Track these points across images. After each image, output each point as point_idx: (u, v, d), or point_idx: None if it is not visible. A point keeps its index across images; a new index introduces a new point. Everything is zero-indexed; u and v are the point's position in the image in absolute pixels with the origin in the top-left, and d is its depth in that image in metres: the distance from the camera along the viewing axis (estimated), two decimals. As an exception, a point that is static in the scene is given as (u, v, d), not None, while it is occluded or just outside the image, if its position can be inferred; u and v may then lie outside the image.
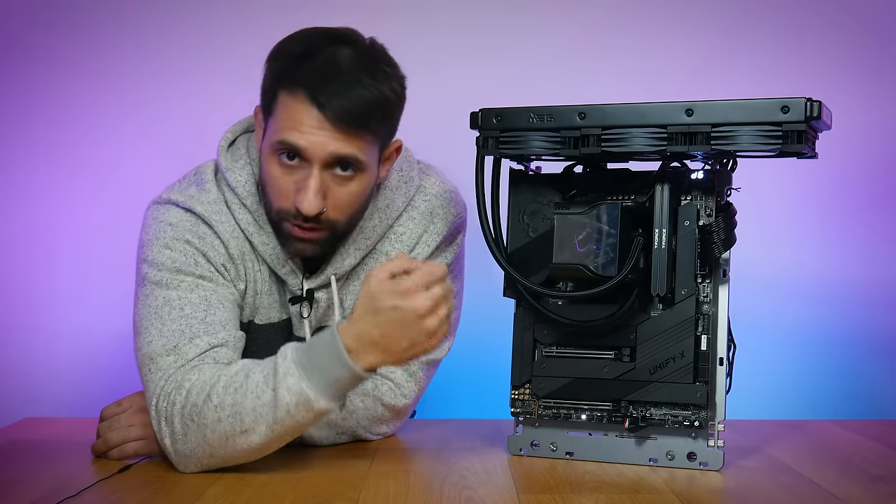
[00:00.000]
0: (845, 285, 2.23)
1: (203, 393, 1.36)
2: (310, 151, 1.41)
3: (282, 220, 1.48)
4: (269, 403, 1.33)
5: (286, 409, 1.32)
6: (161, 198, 1.55)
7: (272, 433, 1.35)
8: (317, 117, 1.40)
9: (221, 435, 1.35)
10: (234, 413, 1.34)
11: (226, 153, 1.56)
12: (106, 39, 2.19)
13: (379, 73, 1.43)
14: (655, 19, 2.24)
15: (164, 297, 1.46)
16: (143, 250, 1.51)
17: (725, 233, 1.41)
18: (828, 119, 1.36)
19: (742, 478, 1.39)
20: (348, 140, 1.41)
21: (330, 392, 1.33)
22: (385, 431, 1.61)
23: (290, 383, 1.32)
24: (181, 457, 1.39)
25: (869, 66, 2.22)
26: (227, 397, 1.35)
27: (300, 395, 1.32)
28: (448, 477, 1.39)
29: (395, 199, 1.57)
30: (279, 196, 1.46)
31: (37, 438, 1.68)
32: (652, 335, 1.44)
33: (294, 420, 1.33)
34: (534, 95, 1.55)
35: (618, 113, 1.39)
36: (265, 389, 1.33)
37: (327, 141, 1.41)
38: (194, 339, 1.43)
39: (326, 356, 1.32)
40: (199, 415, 1.36)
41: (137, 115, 2.19)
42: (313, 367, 1.32)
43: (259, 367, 1.36)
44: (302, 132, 1.41)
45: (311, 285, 1.55)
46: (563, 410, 1.49)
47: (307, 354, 1.34)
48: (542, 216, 1.50)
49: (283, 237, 1.50)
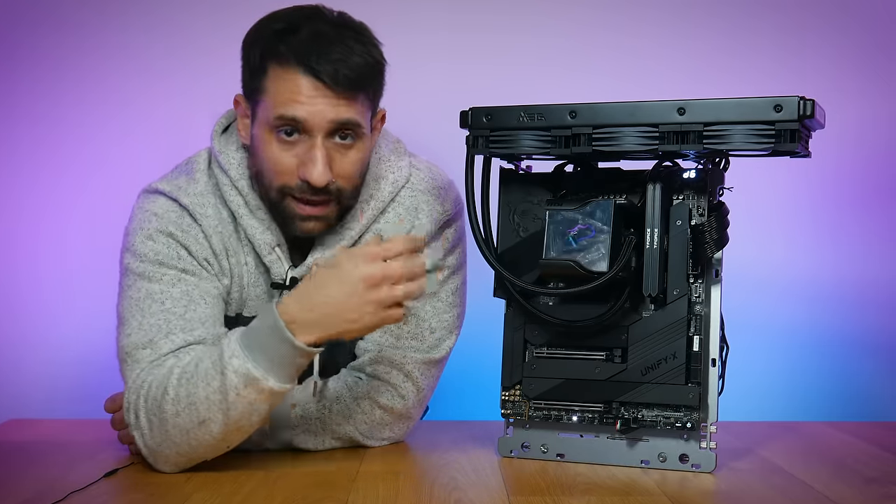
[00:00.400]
0: (838, 285, 2.23)
1: (161, 387, 1.36)
2: (310, 122, 1.41)
3: (284, 199, 1.47)
4: (220, 389, 1.32)
5: (235, 391, 1.31)
6: (150, 186, 1.56)
7: (229, 419, 1.33)
8: (313, 86, 1.40)
9: (181, 429, 1.34)
10: (190, 405, 1.33)
11: (219, 137, 1.56)
12: (90, 38, 2.18)
13: (364, 37, 1.45)
14: (653, 19, 2.23)
15: (146, 289, 1.46)
16: (128, 239, 1.52)
17: (718, 232, 1.40)
18: (821, 118, 1.35)
19: (734, 480, 1.38)
20: (347, 105, 1.42)
21: (277, 370, 1.32)
22: (389, 436, 1.58)
23: (235, 365, 1.31)
24: (151, 452, 1.39)
25: (865, 66, 2.22)
26: (181, 389, 1.34)
27: (247, 376, 1.31)
28: (438, 479, 1.39)
29: (381, 191, 1.56)
30: (281, 174, 1.45)
31: (22, 440, 1.67)
32: (644, 336, 1.43)
33: (247, 402, 1.32)
34: (529, 94, 1.54)
35: (609, 112, 1.38)
36: (214, 375, 1.32)
37: (326, 108, 1.41)
38: (170, 334, 1.42)
39: (266, 333, 1.31)
40: (160, 410, 1.35)
41: (122, 113, 2.19)
42: (256, 346, 1.32)
43: (209, 353, 1.36)
44: (301, 103, 1.40)
45: (294, 273, 1.53)
46: (554, 412, 1.48)
47: (249, 334, 1.33)
48: (533, 216, 1.49)
49: (288, 219, 1.49)
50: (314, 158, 1.42)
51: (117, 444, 1.56)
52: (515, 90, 2.10)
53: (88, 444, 1.60)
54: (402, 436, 1.60)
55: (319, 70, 1.39)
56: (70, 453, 1.54)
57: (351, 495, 1.29)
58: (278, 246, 1.53)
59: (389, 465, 1.47)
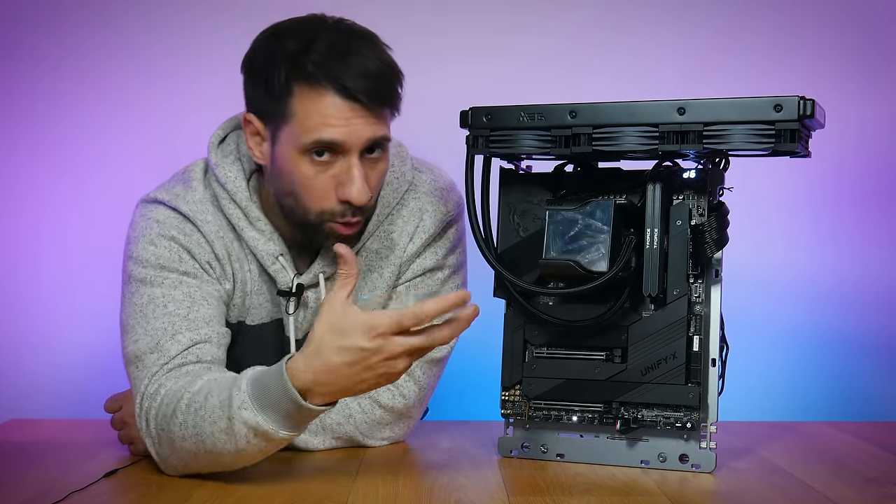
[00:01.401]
0: (838, 285, 2.23)
1: (170, 406, 1.35)
2: (348, 143, 1.39)
3: (325, 222, 1.45)
4: (227, 431, 1.29)
5: (245, 439, 1.28)
6: (149, 196, 1.55)
7: (238, 456, 1.31)
8: (348, 106, 1.38)
9: (189, 451, 1.34)
10: (196, 434, 1.31)
11: (216, 150, 1.55)
12: (90, 38, 2.19)
13: (387, 53, 1.43)
14: (651, 18, 2.23)
15: (148, 294, 1.46)
16: (129, 247, 1.51)
17: (718, 232, 1.40)
18: (821, 117, 1.35)
19: (734, 480, 1.38)
20: (378, 121, 1.41)
21: (288, 424, 1.28)
22: (389, 436, 1.58)
23: (245, 416, 1.27)
24: (161, 459, 1.39)
25: (863, 65, 2.22)
26: (188, 417, 1.32)
27: (257, 429, 1.27)
28: (438, 479, 1.38)
29: (385, 195, 1.55)
30: (320, 197, 1.43)
31: (22, 440, 1.66)
32: (643, 336, 1.43)
33: (258, 448, 1.30)
34: (529, 94, 1.54)
35: (609, 111, 1.38)
36: (221, 416, 1.29)
37: (362, 128, 1.39)
38: (176, 335, 1.42)
39: (278, 394, 1.26)
40: (168, 427, 1.34)
41: (122, 113, 2.19)
42: (267, 404, 1.27)
43: (217, 391, 1.32)
44: (336, 126, 1.38)
45: (300, 281, 1.53)
46: (553, 412, 1.48)
47: (261, 389, 1.28)
48: (533, 216, 1.49)
49: (323, 237, 1.48)
50: (353, 178, 1.40)
51: (117, 444, 1.56)
52: (515, 90, 2.10)
53: (88, 445, 1.60)
54: (403, 436, 1.60)
55: (353, 88, 1.37)
56: (70, 453, 1.54)
57: (351, 496, 1.29)
58: (282, 255, 1.52)
59: (389, 464, 1.47)
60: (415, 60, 1.50)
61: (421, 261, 1.58)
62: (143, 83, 2.18)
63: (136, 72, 2.18)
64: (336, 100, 1.38)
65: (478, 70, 2.19)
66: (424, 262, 1.58)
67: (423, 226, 1.58)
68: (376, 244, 1.56)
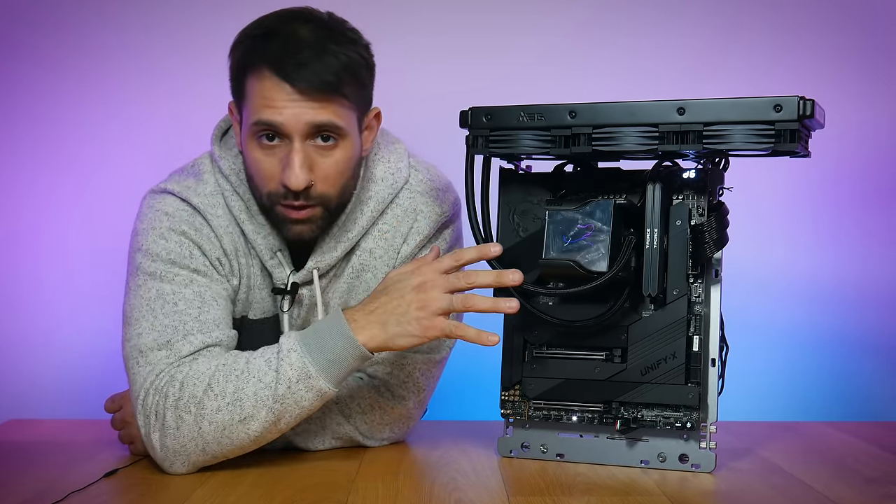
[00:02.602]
0: (838, 285, 2.23)
1: (202, 383, 1.36)
2: (287, 125, 1.41)
3: (274, 205, 1.47)
4: (271, 384, 1.35)
5: (287, 384, 1.35)
6: (158, 187, 1.55)
7: (272, 416, 1.36)
8: (288, 90, 1.40)
9: (218, 425, 1.35)
10: (235, 400, 1.35)
11: (218, 142, 1.56)
12: (90, 38, 2.19)
13: (343, 38, 1.44)
14: (651, 18, 2.23)
15: (157, 289, 1.46)
16: (138, 239, 1.50)
17: (718, 232, 1.40)
18: (821, 118, 1.35)
19: (734, 480, 1.38)
20: (323, 107, 1.41)
21: (331, 371, 1.36)
22: (389, 436, 1.58)
23: (293, 359, 1.35)
24: (169, 453, 1.38)
25: (863, 65, 2.22)
26: (227, 385, 1.35)
27: (302, 370, 1.35)
28: (437, 479, 1.38)
29: (380, 192, 1.55)
30: (266, 179, 1.45)
31: (22, 440, 1.66)
32: (643, 336, 1.42)
33: (294, 398, 1.35)
34: (529, 94, 1.54)
35: (609, 111, 1.38)
36: (267, 370, 1.36)
37: (302, 111, 1.40)
38: (188, 335, 1.42)
39: (328, 332, 1.37)
40: (199, 405, 1.35)
41: (122, 113, 2.19)
42: (314, 344, 1.37)
43: (259, 352, 1.39)
44: (276, 108, 1.40)
45: (295, 279, 1.53)
46: (553, 412, 1.48)
47: (310, 332, 1.38)
48: (533, 216, 1.49)
49: (280, 224, 1.49)
50: (291, 163, 1.41)
51: (117, 444, 1.56)
52: (515, 90, 2.10)
53: (88, 445, 1.60)
54: (403, 436, 1.60)
55: (292, 75, 1.39)
56: (70, 453, 1.54)
57: (350, 495, 1.29)
58: (280, 251, 1.53)
59: (389, 465, 1.47)
60: (415, 60, 1.50)
61: (416, 262, 1.58)
62: (144, 83, 2.18)
63: (136, 72, 2.18)
64: (276, 82, 1.40)
65: (477, 70, 2.19)
66: None
67: (418, 227, 1.58)
68: (371, 243, 1.56)
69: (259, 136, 1.43)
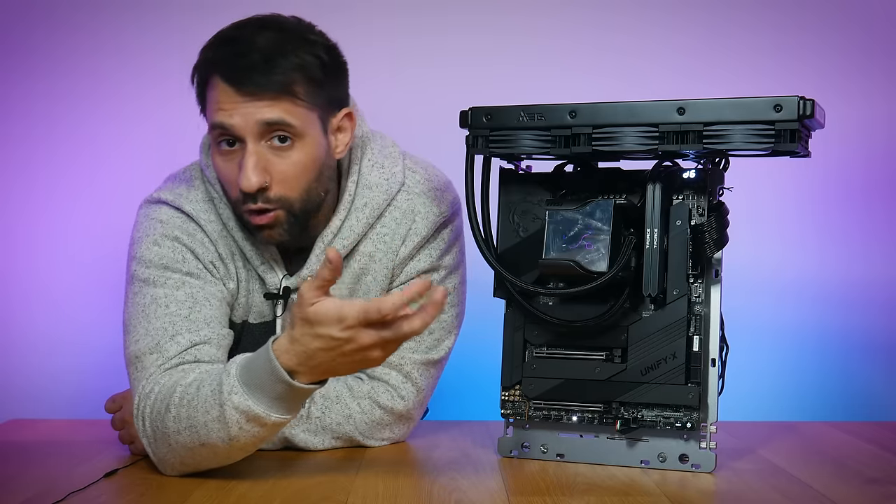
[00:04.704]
0: (839, 285, 2.22)
1: (164, 402, 1.35)
2: (238, 127, 1.40)
3: (241, 213, 1.47)
4: (219, 419, 1.29)
5: (237, 426, 1.28)
6: (152, 196, 1.56)
7: (232, 447, 1.31)
8: (236, 93, 1.40)
9: (183, 445, 1.33)
10: (190, 426, 1.31)
11: (206, 150, 1.56)
12: (85, 42, 2.18)
13: (298, 41, 1.43)
14: (651, 18, 2.23)
15: (151, 295, 1.46)
16: (133, 248, 1.52)
17: (718, 232, 1.40)
18: (821, 117, 1.35)
19: (734, 480, 1.38)
20: (272, 105, 1.40)
21: (280, 406, 1.28)
22: (389, 437, 1.57)
23: (235, 402, 1.27)
24: (158, 459, 1.38)
25: (865, 65, 2.21)
26: (181, 409, 1.32)
27: (248, 413, 1.27)
28: (437, 479, 1.38)
29: (375, 198, 1.55)
30: (229, 185, 1.46)
31: (22, 440, 1.66)
32: (643, 336, 1.42)
33: (251, 434, 1.30)
34: (529, 94, 1.54)
35: (609, 111, 1.38)
36: (213, 405, 1.29)
37: (249, 111, 1.40)
38: (175, 336, 1.42)
39: (267, 376, 1.26)
40: (162, 423, 1.34)
41: (118, 117, 2.18)
42: (256, 386, 1.27)
43: (209, 380, 1.32)
44: (226, 110, 1.40)
45: (288, 283, 1.53)
46: (553, 412, 1.47)
47: (249, 373, 1.28)
48: (533, 216, 1.49)
49: (251, 230, 1.49)
50: (244, 165, 1.41)
51: (117, 444, 1.56)
52: (515, 90, 2.10)
53: (88, 445, 1.60)
54: (403, 436, 1.60)
55: (238, 79, 1.39)
56: (70, 453, 1.54)
57: (350, 496, 1.28)
58: (270, 256, 1.53)
59: (389, 465, 1.47)
60: (414, 61, 1.50)
61: (415, 263, 1.57)
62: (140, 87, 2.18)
63: (132, 76, 2.18)
64: (223, 85, 1.41)
65: (477, 70, 2.19)
66: (419, 265, 1.57)
67: (416, 228, 1.57)
68: (370, 247, 1.56)
69: (219, 143, 1.44)
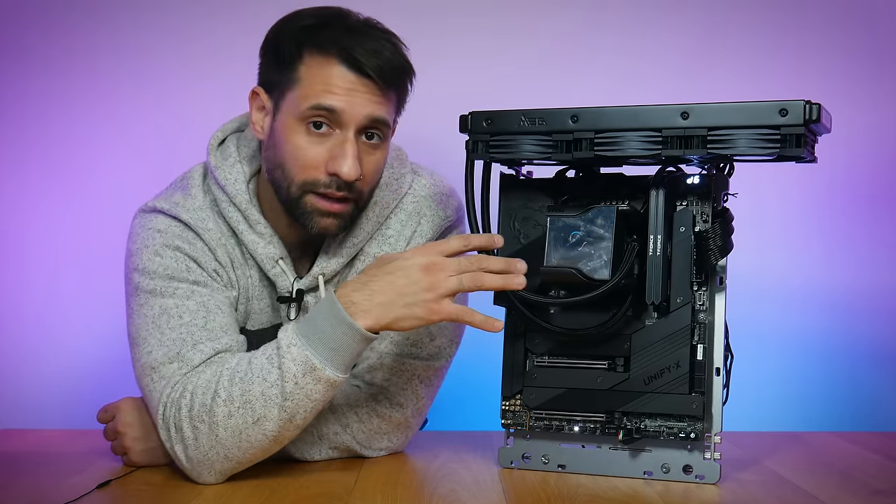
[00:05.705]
0: (845, 293, 2.21)
1: (210, 391, 1.35)
2: (347, 113, 1.41)
3: (306, 194, 1.45)
4: (277, 382, 1.32)
5: (293, 380, 1.32)
6: (147, 206, 1.55)
7: (285, 414, 1.34)
8: (353, 78, 1.41)
9: (234, 430, 1.34)
10: (244, 403, 1.33)
11: (216, 151, 1.55)
12: (81, 42, 2.18)
13: (390, 35, 1.46)
14: (654, 21, 2.22)
15: (160, 305, 1.45)
16: (133, 259, 1.50)
17: (722, 239, 1.39)
18: (827, 122, 1.33)
19: (739, 491, 1.37)
20: (381, 102, 1.43)
21: (336, 359, 1.33)
22: (387, 446, 1.56)
23: (294, 354, 1.33)
24: (195, 464, 1.37)
25: (871, 68, 2.20)
26: (234, 389, 1.34)
27: (305, 364, 1.32)
28: (437, 490, 1.37)
29: (385, 196, 1.55)
30: (306, 167, 1.44)
31: (14, 451, 1.66)
32: (646, 344, 1.41)
33: (304, 393, 1.33)
34: (530, 98, 1.53)
35: (611, 116, 1.37)
36: (270, 369, 1.33)
37: (363, 102, 1.41)
38: (197, 345, 1.41)
39: (326, 319, 1.33)
40: (210, 413, 1.34)
41: (114, 118, 2.17)
42: (314, 334, 1.33)
43: (260, 351, 1.37)
44: (338, 94, 1.41)
45: (300, 286, 1.52)
46: (555, 422, 1.46)
47: (307, 323, 1.34)
48: (534, 222, 1.48)
49: (306, 215, 1.47)
50: (346, 153, 1.42)
51: (110, 454, 1.55)
52: (516, 94, 2.09)
53: (81, 455, 1.59)
54: (402, 446, 1.58)
55: (362, 61, 1.40)
56: (63, 464, 1.53)
57: (348, 507, 1.28)
58: (282, 259, 1.52)
59: (388, 475, 1.46)
60: (414, 64, 1.49)
61: (418, 264, 1.57)
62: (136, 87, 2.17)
63: (128, 76, 2.17)
64: (342, 70, 1.41)
65: (478, 74, 2.18)
66: None
67: (421, 230, 1.57)
68: (375, 248, 1.56)
69: (308, 123, 1.42)
